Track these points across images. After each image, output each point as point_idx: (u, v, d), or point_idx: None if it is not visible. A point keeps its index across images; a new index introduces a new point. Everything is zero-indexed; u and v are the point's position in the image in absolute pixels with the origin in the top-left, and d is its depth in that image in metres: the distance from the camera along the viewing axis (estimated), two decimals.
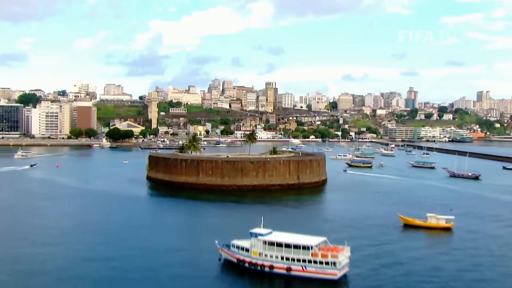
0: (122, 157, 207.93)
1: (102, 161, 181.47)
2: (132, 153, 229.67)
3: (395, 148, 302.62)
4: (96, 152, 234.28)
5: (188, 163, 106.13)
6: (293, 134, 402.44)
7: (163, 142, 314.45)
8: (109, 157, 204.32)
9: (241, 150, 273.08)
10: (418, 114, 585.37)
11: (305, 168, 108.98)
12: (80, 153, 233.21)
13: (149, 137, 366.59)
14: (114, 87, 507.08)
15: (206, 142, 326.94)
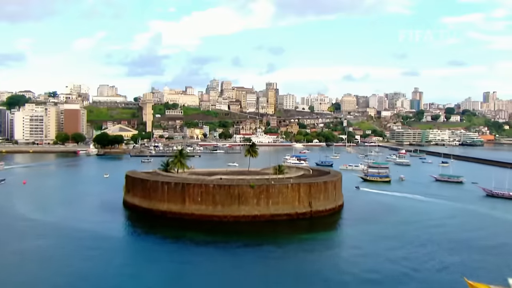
0: (107, 167, 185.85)
1: (80, 175, 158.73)
2: (119, 163, 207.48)
3: (406, 154, 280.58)
4: (80, 161, 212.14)
5: (172, 187, 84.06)
6: (296, 137, 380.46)
7: (156, 147, 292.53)
8: (90, 169, 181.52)
9: (240, 157, 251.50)
10: (425, 115, 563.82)
11: (319, 193, 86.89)
12: (62, 162, 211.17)
13: (142, 141, 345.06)
14: (108, 88, 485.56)
15: (203, 147, 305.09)
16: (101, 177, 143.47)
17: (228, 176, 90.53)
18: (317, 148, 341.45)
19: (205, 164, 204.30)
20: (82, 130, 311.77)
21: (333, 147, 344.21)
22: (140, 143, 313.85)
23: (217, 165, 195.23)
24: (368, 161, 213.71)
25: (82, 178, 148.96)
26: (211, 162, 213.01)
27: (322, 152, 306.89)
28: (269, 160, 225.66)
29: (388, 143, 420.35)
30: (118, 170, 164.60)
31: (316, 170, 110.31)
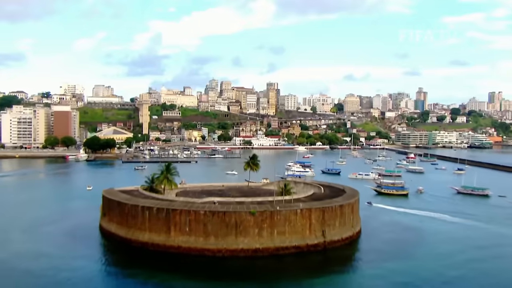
0: (93, 176, 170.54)
1: (61, 187, 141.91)
2: (108, 171, 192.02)
3: (415, 158, 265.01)
4: (67, 169, 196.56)
5: (154, 213, 68.69)
6: (298, 140, 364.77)
7: (152, 151, 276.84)
8: (74, 178, 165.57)
9: (239, 162, 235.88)
10: (430, 116, 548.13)
11: (334, 219, 71.56)
12: (47, 169, 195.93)
13: (138, 144, 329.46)
14: (104, 89, 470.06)
15: (200, 151, 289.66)
16: (83, 190, 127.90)
17: (223, 199, 74.87)
18: (321, 152, 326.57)
19: (202, 171, 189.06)
20: (74, 133, 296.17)
21: (339, 151, 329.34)
22: (134, 147, 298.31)
23: (215, 173, 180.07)
24: (378, 167, 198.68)
25: (62, 191, 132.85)
26: (208, 169, 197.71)
27: (326, 156, 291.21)
28: (271, 168, 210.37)
29: (394, 145, 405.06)
30: (105, 181, 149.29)
31: (327, 186, 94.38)
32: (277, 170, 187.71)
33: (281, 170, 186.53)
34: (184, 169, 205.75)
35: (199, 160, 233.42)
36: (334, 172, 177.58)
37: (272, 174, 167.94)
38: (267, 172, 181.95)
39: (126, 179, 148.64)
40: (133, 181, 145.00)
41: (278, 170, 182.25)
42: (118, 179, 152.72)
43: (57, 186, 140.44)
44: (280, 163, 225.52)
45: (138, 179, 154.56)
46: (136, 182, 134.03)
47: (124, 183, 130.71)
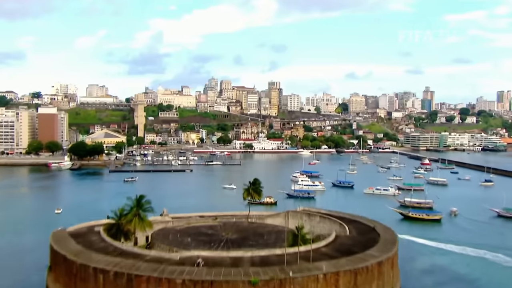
0: (70, 192, 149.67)
1: (25, 209, 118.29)
2: (92, 184, 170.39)
3: (430, 164, 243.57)
4: (45, 180, 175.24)
5: (110, 278, 47.33)
6: (302, 143, 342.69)
7: (145, 156, 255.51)
8: (48, 195, 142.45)
9: (239, 171, 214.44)
10: (438, 117, 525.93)
11: (369, 283, 50.19)
12: (23, 181, 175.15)
13: (131, 148, 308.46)
14: (98, 88, 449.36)
15: (197, 156, 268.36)
16: (50, 214, 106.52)
17: (212, 253, 53.39)
18: (327, 156, 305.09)
19: (196, 184, 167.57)
20: (62, 137, 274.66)
21: (346, 156, 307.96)
22: (126, 151, 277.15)
23: (210, 187, 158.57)
24: (394, 178, 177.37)
25: (23, 215, 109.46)
26: (203, 181, 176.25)
27: (334, 162, 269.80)
28: (274, 180, 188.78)
29: (403, 148, 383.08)
30: (83, 200, 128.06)
31: (351, 221, 72.47)
32: (281, 182, 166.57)
33: (286, 182, 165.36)
34: (177, 179, 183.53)
35: (195, 168, 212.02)
36: (346, 185, 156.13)
37: (276, 188, 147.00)
38: (270, 185, 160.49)
39: (111, 197, 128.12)
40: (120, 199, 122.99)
41: (283, 183, 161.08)
42: (100, 197, 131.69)
43: (20, 208, 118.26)
44: (284, 172, 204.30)
45: (127, 194, 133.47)
46: (122, 200, 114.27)
47: (107, 203, 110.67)
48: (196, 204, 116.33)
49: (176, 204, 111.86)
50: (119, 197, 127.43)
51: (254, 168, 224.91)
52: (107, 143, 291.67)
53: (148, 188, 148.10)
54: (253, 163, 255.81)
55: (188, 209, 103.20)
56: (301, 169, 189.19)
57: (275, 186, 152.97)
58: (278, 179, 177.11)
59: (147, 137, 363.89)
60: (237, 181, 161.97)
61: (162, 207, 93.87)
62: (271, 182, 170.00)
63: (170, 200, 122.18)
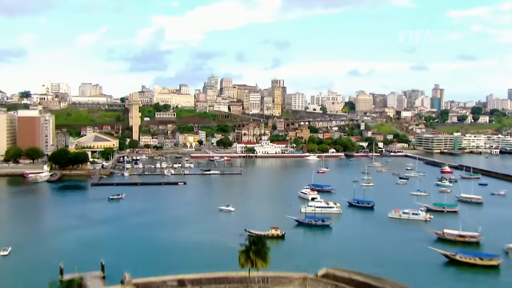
0: (41, 215, 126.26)
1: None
2: (70, 200, 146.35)
3: (451, 173, 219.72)
4: (13, 197, 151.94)
5: None
6: (308, 146, 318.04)
7: (136, 164, 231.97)
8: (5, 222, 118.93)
9: (240, 181, 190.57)
10: (450, 116, 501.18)
11: None
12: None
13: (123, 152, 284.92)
14: (91, 87, 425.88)
15: (194, 162, 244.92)
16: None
17: None
18: (335, 161, 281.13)
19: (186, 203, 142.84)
20: (46, 142, 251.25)
21: (356, 161, 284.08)
22: (116, 157, 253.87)
23: (204, 206, 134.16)
24: (419, 193, 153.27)
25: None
26: (197, 197, 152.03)
27: (344, 170, 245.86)
28: (278, 194, 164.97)
29: (415, 151, 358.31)
30: (44, 233, 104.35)
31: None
32: (288, 199, 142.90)
33: (293, 199, 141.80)
34: (167, 196, 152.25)
35: (190, 179, 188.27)
36: (365, 206, 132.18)
37: (283, 210, 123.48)
38: (275, 206, 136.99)
39: (84, 228, 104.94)
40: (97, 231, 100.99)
41: (290, 200, 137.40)
42: (71, 226, 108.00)
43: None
44: (290, 184, 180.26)
45: (109, 224, 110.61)
46: (102, 232, 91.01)
47: (74, 242, 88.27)
48: (180, 241, 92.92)
49: (154, 244, 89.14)
50: (98, 227, 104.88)
51: (255, 178, 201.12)
52: (97, 148, 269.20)
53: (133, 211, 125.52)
54: (254, 171, 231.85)
55: (166, 253, 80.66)
56: (309, 181, 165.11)
57: (281, 207, 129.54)
58: (284, 195, 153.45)
59: (142, 140, 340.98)
60: (235, 199, 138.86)
61: (139, 246, 71.77)
62: (276, 200, 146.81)
63: (150, 233, 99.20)
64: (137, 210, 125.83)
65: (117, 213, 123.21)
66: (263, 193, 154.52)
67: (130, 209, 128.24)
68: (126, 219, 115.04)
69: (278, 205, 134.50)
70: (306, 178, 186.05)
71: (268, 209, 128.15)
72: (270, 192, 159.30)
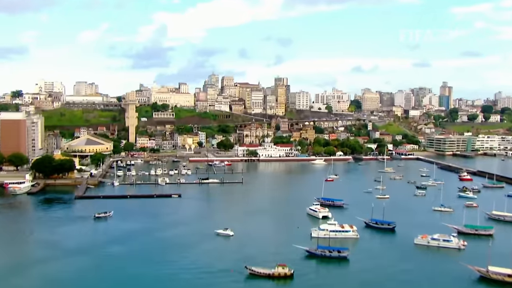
0: (12, 236, 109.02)
1: None
2: (50, 218, 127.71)
3: (471, 180, 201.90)
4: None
5: None
6: (314, 149, 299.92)
7: (129, 170, 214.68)
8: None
9: (241, 192, 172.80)
10: (459, 115, 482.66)
11: None
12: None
13: (117, 156, 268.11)
14: (86, 86, 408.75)
15: (192, 168, 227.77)
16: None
17: None
18: (343, 166, 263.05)
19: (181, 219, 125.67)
20: (33, 147, 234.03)
21: (365, 165, 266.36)
22: (109, 162, 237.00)
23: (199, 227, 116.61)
24: (442, 209, 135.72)
25: None
26: (191, 214, 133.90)
27: (354, 175, 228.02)
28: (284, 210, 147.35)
29: (426, 153, 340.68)
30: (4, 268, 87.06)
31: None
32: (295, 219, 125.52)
33: (301, 218, 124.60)
34: (158, 213, 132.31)
35: (186, 189, 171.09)
36: (385, 227, 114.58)
37: (290, 236, 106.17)
38: (281, 228, 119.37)
39: (60, 258, 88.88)
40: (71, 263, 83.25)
41: (298, 221, 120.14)
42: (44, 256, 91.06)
43: None
44: (297, 195, 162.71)
45: (90, 248, 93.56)
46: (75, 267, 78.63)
47: (46, 273, 72.48)
48: (166, 279, 75.92)
49: (134, 285, 72.08)
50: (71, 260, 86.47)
51: (258, 188, 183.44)
52: (89, 152, 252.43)
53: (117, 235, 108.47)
54: (257, 178, 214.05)
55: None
56: (318, 193, 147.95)
57: (288, 229, 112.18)
58: (290, 211, 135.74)
59: (139, 141, 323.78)
60: (235, 217, 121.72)
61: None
62: (282, 218, 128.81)
63: (132, 268, 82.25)
64: (122, 234, 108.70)
65: (99, 238, 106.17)
66: (267, 209, 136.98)
67: (116, 232, 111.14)
68: (108, 247, 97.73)
69: (284, 226, 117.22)
70: (314, 188, 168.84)
71: (273, 233, 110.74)
72: (274, 207, 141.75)
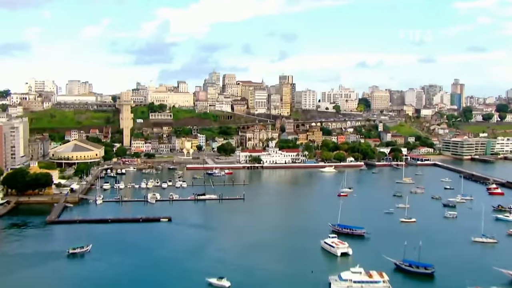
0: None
1: None
2: (13, 254, 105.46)
3: (502, 194, 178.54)
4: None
5: None
6: (323, 155, 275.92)
7: (116, 181, 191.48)
8: None
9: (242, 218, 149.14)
10: (474, 115, 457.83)
11: None
12: None
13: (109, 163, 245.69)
14: (79, 85, 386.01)
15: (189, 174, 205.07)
16: None
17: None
18: (355, 174, 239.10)
19: (166, 254, 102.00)
20: (13, 155, 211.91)
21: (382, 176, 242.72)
22: (99, 170, 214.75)
23: (187, 272, 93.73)
24: (485, 240, 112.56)
25: None
26: (181, 247, 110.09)
27: (368, 187, 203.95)
28: (292, 240, 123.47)
29: (442, 156, 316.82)
30: None
31: None
32: (306, 253, 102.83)
33: (314, 253, 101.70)
34: (142, 243, 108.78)
35: (179, 208, 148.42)
36: (422, 272, 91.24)
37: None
38: (290, 277, 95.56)
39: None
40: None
41: (312, 262, 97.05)
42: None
43: None
44: (307, 218, 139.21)
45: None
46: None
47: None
48: None
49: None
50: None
51: (261, 206, 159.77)
52: (76, 159, 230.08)
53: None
54: (261, 192, 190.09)
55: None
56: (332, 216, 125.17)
57: (299, 275, 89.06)
58: (301, 243, 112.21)
59: (134, 144, 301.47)
60: (233, 257, 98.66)
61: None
62: (291, 256, 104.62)
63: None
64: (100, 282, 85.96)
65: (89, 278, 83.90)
66: (272, 242, 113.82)
67: (93, 277, 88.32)
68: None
69: (293, 268, 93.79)
70: (327, 207, 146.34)
71: (280, 283, 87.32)
72: (281, 237, 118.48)
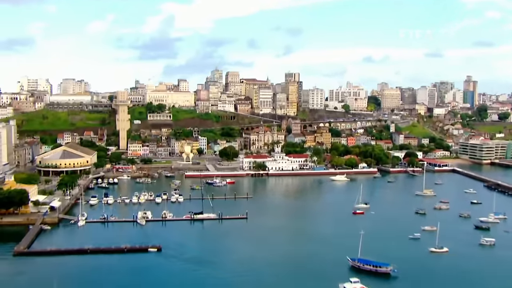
0: None
1: None
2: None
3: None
4: None
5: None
6: (333, 161, 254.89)
7: (106, 196, 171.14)
8: None
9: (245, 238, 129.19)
10: (489, 114, 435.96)
11: None
12: None
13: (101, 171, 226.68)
14: (74, 84, 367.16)
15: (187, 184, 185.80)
16: None
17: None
18: (368, 182, 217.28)
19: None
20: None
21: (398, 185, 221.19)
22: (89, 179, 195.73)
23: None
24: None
25: None
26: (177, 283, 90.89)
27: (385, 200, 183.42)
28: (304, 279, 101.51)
29: (459, 160, 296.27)
30: None
31: None
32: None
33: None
34: (125, 283, 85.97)
35: (172, 230, 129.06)
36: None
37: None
38: None
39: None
40: None
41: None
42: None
43: None
44: (321, 247, 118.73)
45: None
46: None
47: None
48: None
49: None
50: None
51: (266, 228, 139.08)
52: (65, 167, 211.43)
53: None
54: (265, 208, 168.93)
55: None
56: (348, 242, 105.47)
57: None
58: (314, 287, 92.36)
59: (131, 148, 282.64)
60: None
61: None
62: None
63: None
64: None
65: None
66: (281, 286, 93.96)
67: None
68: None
69: None
70: (343, 231, 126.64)
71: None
72: (291, 280, 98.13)
